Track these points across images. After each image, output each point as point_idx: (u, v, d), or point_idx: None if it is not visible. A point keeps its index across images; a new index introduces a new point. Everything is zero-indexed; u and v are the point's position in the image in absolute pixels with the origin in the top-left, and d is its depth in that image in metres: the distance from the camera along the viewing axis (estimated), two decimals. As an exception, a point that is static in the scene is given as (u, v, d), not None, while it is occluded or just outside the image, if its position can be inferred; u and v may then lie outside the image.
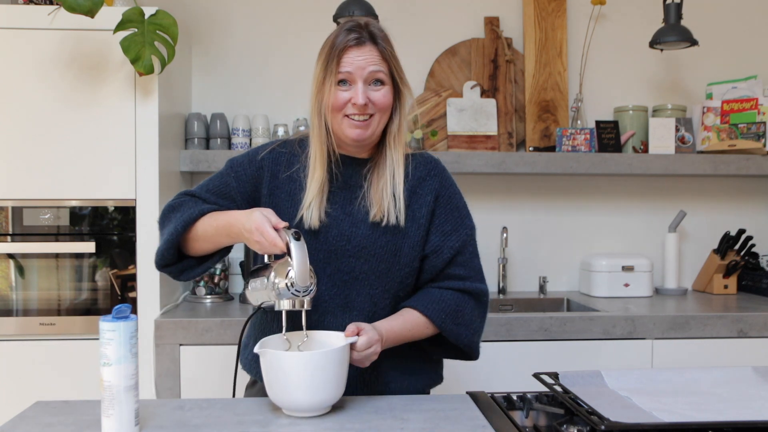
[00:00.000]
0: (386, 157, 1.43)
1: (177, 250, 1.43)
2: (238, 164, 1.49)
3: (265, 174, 1.46)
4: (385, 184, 1.41)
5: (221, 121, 2.61)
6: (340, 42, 1.37)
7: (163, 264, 1.45)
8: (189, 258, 1.46)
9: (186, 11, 2.73)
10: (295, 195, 1.43)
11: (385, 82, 1.39)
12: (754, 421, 1.16)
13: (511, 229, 2.83)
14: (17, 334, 2.20)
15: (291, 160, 1.47)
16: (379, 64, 1.38)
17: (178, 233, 1.39)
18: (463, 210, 1.50)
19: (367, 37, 1.38)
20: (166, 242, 1.41)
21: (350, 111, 1.38)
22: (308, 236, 1.39)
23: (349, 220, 1.42)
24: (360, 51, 1.37)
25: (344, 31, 1.39)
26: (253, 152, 1.51)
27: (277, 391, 1.23)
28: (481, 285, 1.48)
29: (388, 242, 1.41)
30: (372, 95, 1.38)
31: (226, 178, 1.48)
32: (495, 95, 2.78)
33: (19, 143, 2.18)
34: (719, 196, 2.94)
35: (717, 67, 2.93)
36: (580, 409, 1.20)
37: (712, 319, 2.27)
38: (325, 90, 1.39)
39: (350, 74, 1.37)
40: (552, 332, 2.23)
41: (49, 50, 2.18)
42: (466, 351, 1.49)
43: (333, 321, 1.41)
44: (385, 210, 1.40)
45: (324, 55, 1.40)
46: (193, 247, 1.43)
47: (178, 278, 1.48)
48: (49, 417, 1.25)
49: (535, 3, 2.83)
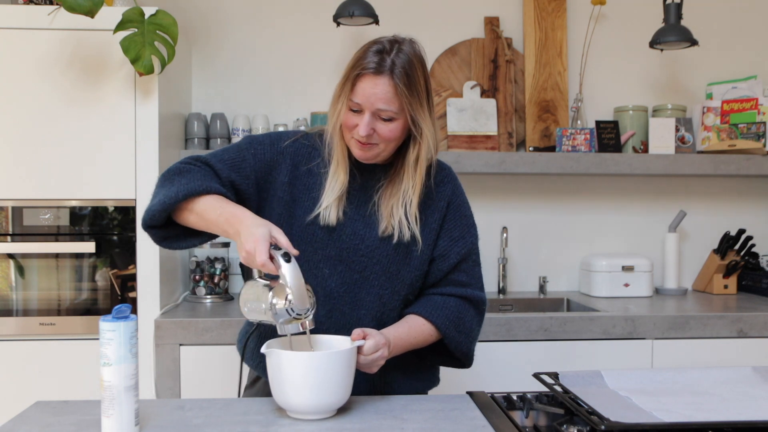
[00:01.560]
0: (402, 181, 1.42)
1: (168, 215, 1.36)
2: (258, 142, 1.45)
3: (286, 162, 1.43)
4: (397, 204, 1.41)
5: (221, 121, 2.62)
6: (361, 65, 1.33)
7: (151, 225, 1.37)
8: (175, 226, 1.39)
9: (186, 11, 2.73)
10: (313, 189, 1.42)
11: (395, 118, 1.35)
12: (754, 421, 1.16)
13: (511, 229, 2.83)
14: (17, 334, 2.20)
15: (312, 154, 1.45)
16: (389, 102, 1.32)
17: (177, 200, 1.32)
18: (470, 219, 1.51)
19: (387, 67, 1.32)
20: (161, 203, 1.33)
21: (356, 135, 1.36)
22: (323, 232, 1.39)
23: (363, 221, 1.42)
24: (374, 82, 1.32)
25: (371, 52, 1.34)
26: (276, 136, 1.47)
27: (282, 393, 1.22)
28: (481, 293, 1.49)
29: (400, 245, 1.42)
30: (379, 127, 1.35)
31: (245, 152, 1.43)
32: (495, 95, 2.78)
33: (19, 143, 2.18)
34: (719, 196, 2.94)
35: (717, 67, 2.93)
36: (580, 409, 1.20)
37: (712, 319, 2.27)
38: (338, 108, 1.37)
39: (359, 105, 1.34)
40: (552, 332, 2.23)
41: (50, 50, 2.18)
42: (461, 359, 1.49)
43: (341, 319, 1.42)
44: (395, 226, 1.40)
45: (346, 71, 1.36)
46: (185, 218, 1.36)
47: (160, 244, 1.41)
48: (49, 417, 1.25)
49: (535, 3, 2.83)
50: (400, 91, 1.32)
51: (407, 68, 1.33)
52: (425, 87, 1.37)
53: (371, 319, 1.42)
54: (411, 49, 1.36)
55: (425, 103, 1.37)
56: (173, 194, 1.32)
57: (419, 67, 1.36)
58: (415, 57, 1.36)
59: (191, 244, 1.43)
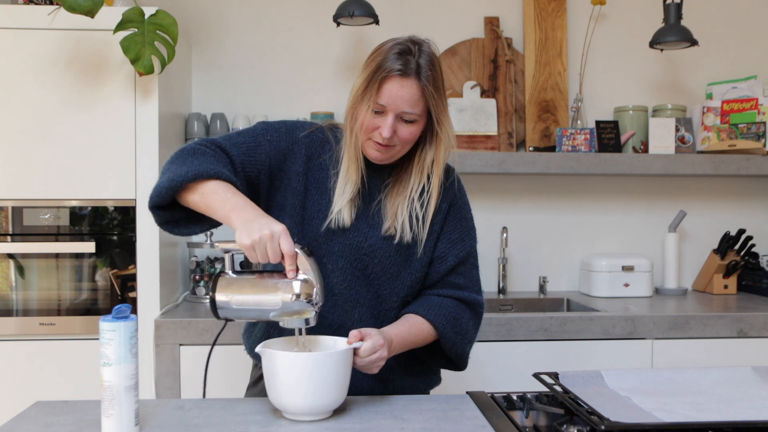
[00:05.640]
0: (410, 179, 1.42)
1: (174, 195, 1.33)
2: (274, 129, 1.44)
3: (301, 152, 1.43)
4: (402, 204, 1.41)
5: (221, 121, 2.62)
6: (387, 67, 1.32)
7: (157, 204, 1.34)
8: (179, 210, 1.37)
9: (186, 11, 2.73)
10: (322, 184, 1.42)
11: (417, 120, 1.36)
12: (754, 421, 1.16)
13: (511, 229, 2.83)
14: (17, 334, 2.20)
15: (325, 147, 1.45)
16: (415, 105, 1.33)
17: (187, 179, 1.29)
18: (470, 222, 1.51)
19: (413, 70, 1.32)
20: (169, 180, 1.30)
21: (376, 137, 1.36)
22: (330, 229, 1.40)
23: (367, 219, 1.42)
24: (401, 84, 1.32)
25: (394, 54, 1.33)
26: (291, 125, 1.46)
27: (276, 393, 1.22)
28: (478, 297, 1.49)
29: (401, 246, 1.42)
30: (400, 129, 1.35)
31: (260, 138, 1.42)
32: (495, 95, 2.78)
33: (19, 143, 2.18)
34: (719, 196, 2.94)
35: (717, 67, 2.93)
36: (580, 409, 1.20)
37: (712, 319, 2.27)
38: (361, 111, 1.36)
39: (384, 107, 1.33)
40: (552, 332, 2.23)
41: (49, 50, 2.18)
42: (455, 360, 1.49)
43: (341, 315, 1.42)
44: (398, 228, 1.40)
45: (368, 73, 1.34)
46: (188, 198, 1.33)
47: (162, 227, 1.39)
48: (49, 417, 1.25)
49: (535, 3, 2.83)
50: (429, 93, 1.34)
51: (432, 70, 1.34)
52: (444, 87, 1.39)
53: (370, 316, 1.42)
54: (430, 49, 1.37)
55: (445, 103, 1.39)
56: (183, 173, 1.30)
57: (439, 67, 1.38)
58: (435, 58, 1.37)
59: (192, 231, 1.41)
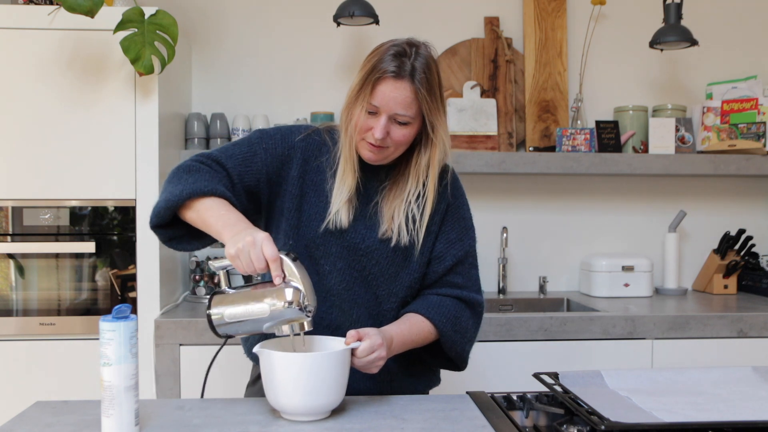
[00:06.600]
0: (407, 182, 1.42)
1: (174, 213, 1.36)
2: (269, 137, 1.45)
3: (297, 157, 1.43)
4: (399, 207, 1.41)
5: (221, 121, 2.62)
6: (381, 68, 1.32)
7: (158, 224, 1.37)
8: (180, 226, 1.39)
9: (186, 11, 2.73)
10: (319, 186, 1.42)
11: (410, 122, 1.36)
12: (754, 421, 1.16)
13: (511, 229, 2.83)
14: (17, 334, 2.20)
15: (322, 150, 1.45)
16: (408, 107, 1.33)
17: (182, 198, 1.32)
18: (468, 221, 1.51)
19: (408, 72, 1.32)
20: (166, 201, 1.33)
21: (369, 137, 1.36)
22: (327, 231, 1.40)
23: (364, 221, 1.42)
24: (395, 86, 1.32)
25: (390, 55, 1.33)
26: (286, 130, 1.47)
27: (274, 394, 1.22)
28: (478, 296, 1.49)
29: (398, 248, 1.42)
30: (393, 131, 1.35)
31: (256, 147, 1.43)
32: (495, 95, 2.78)
33: (19, 143, 2.18)
34: (719, 196, 2.94)
35: (717, 67, 2.93)
36: (580, 409, 1.20)
37: (712, 319, 2.27)
38: (355, 111, 1.36)
39: (377, 108, 1.34)
40: (552, 332, 2.23)
41: (49, 50, 2.18)
42: (455, 360, 1.49)
43: (340, 316, 1.42)
44: (395, 230, 1.40)
45: (364, 73, 1.35)
46: (187, 216, 1.35)
47: (166, 244, 1.41)
48: (49, 417, 1.25)
49: (535, 3, 2.83)
50: (421, 96, 1.33)
51: (427, 73, 1.34)
52: (440, 91, 1.38)
53: (368, 317, 1.42)
54: (427, 52, 1.37)
55: (441, 107, 1.38)
56: (178, 192, 1.33)
57: (436, 71, 1.37)
58: (432, 61, 1.37)
59: (195, 246, 1.44)
